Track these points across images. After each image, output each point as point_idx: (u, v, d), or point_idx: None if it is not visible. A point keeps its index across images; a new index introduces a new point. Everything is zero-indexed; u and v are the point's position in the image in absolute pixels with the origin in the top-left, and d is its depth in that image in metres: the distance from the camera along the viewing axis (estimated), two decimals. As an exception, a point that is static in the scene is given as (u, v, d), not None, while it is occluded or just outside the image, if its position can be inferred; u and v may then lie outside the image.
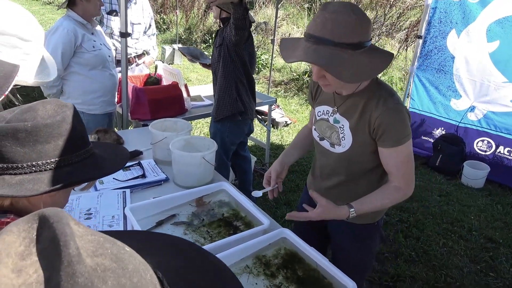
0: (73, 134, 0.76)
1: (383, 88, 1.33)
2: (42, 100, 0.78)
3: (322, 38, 1.14)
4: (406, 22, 7.43)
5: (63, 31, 2.34)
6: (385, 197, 1.35)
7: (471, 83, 4.04)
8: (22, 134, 0.69)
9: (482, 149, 4.12)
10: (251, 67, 2.69)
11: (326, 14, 1.15)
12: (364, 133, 1.33)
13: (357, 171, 1.44)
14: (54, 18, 10.75)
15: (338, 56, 1.14)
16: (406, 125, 1.29)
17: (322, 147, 1.49)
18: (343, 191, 1.50)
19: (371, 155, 1.37)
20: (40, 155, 0.71)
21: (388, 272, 2.60)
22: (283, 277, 1.33)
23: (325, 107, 1.45)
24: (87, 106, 2.55)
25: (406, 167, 1.34)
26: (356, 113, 1.33)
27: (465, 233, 3.12)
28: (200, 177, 1.85)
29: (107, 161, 0.83)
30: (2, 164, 0.70)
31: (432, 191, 3.74)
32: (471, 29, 3.89)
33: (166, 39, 9.04)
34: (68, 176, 0.74)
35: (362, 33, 1.18)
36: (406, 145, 1.30)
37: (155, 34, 3.75)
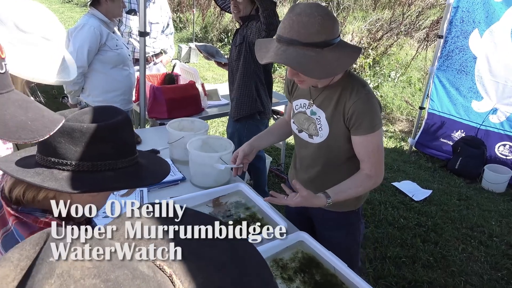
0: (122, 141, 0.80)
1: (356, 80, 1.41)
2: (101, 105, 0.83)
3: (291, 39, 1.22)
4: (426, 21, 7.28)
5: (90, 28, 2.38)
6: (358, 184, 1.42)
7: (494, 85, 3.92)
8: (77, 134, 0.74)
9: (504, 154, 4.01)
10: (271, 69, 2.69)
11: (293, 16, 1.22)
12: (339, 123, 1.41)
13: (335, 161, 1.50)
14: (72, 17, 10.94)
15: (306, 55, 1.22)
16: (377, 113, 1.37)
17: (301, 139, 1.56)
18: (324, 181, 1.53)
19: (347, 144, 1.44)
20: (89, 156, 0.75)
21: (406, 277, 2.55)
22: (301, 281, 1.31)
23: (302, 101, 1.52)
24: (107, 103, 2.58)
25: (377, 155, 1.41)
26: (331, 104, 1.41)
27: (485, 239, 3.04)
28: (217, 177, 1.84)
29: (149, 173, 0.86)
30: (54, 158, 0.74)
31: (451, 195, 3.66)
32: (494, 29, 3.78)
33: (182, 37, 9.09)
34: (110, 180, 0.77)
35: (327, 32, 1.24)
36: (377, 133, 1.37)
37: (173, 33, 3.77)
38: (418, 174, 4.07)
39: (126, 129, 0.81)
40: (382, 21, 7.30)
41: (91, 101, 2.58)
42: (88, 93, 2.56)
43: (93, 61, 2.47)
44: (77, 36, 2.37)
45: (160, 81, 3.18)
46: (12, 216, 0.76)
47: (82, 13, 11.82)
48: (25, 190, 0.77)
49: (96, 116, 0.78)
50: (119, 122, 0.79)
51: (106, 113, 0.80)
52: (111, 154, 0.77)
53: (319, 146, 1.49)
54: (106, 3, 2.44)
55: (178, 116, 2.49)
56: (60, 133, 0.73)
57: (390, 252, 2.75)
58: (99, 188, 0.78)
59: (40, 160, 0.76)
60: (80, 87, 2.53)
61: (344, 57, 1.27)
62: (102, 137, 0.76)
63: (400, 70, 6.41)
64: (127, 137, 0.81)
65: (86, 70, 2.47)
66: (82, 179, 0.75)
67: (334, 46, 1.25)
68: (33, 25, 1.10)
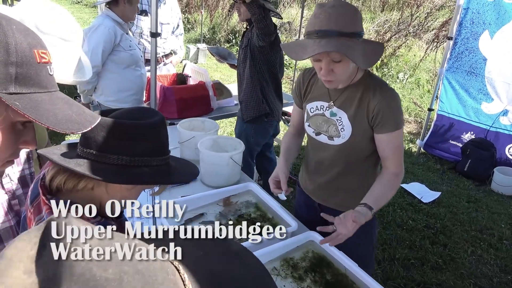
0: (158, 140, 0.85)
1: (376, 79, 1.44)
2: (141, 106, 0.88)
3: (329, 31, 1.22)
4: (434, 22, 7.24)
5: (104, 29, 2.42)
6: (392, 187, 1.41)
7: (504, 86, 3.90)
8: (119, 130, 0.79)
9: (515, 156, 3.98)
10: (280, 69, 2.69)
11: (328, 9, 1.24)
12: (362, 122, 1.40)
13: (356, 160, 1.50)
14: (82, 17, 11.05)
15: (348, 44, 1.22)
16: (401, 110, 1.41)
17: (318, 141, 1.53)
18: (342, 182, 1.54)
19: (369, 143, 1.44)
20: (128, 151, 0.80)
21: (414, 278, 2.54)
22: (311, 281, 1.32)
23: (319, 103, 1.50)
24: (120, 103, 2.61)
25: (400, 151, 1.43)
26: (353, 104, 1.41)
27: (495, 241, 3.01)
28: (228, 177, 1.86)
29: (180, 172, 0.91)
30: (95, 151, 0.79)
31: (460, 197, 3.64)
32: (506, 30, 3.76)
33: (190, 38, 9.14)
34: (146, 176, 0.82)
35: (360, 24, 1.28)
36: (401, 130, 1.40)
37: (182, 34, 3.80)
38: (426, 176, 4.05)
39: (162, 129, 0.86)
40: (390, 22, 7.28)
41: (103, 101, 2.61)
42: (100, 92, 2.59)
43: (106, 61, 2.50)
44: (92, 36, 2.41)
45: (170, 81, 3.20)
46: (46, 205, 0.80)
47: (91, 14, 11.94)
48: (67, 179, 0.81)
49: (136, 115, 0.84)
50: (157, 122, 0.84)
51: (145, 113, 0.85)
52: (148, 151, 0.82)
53: (341, 147, 1.47)
54: (124, 5, 2.49)
55: (188, 116, 2.51)
56: (102, 128, 0.78)
57: (399, 254, 2.74)
58: (136, 181, 0.83)
59: (81, 152, 0.81)
60: (93, 87, 2.56)
61: (375, 49, 1.31)
62: (141, 134, 0.81)
63: (409, 72, 6.38)
64: (163, 137, 0.86)
65: (100, 69, 2.50)
66: (120, 172, 0.79)
67: (363, 39, 1.29)
68: (52, 27, 1.12)
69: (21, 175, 1.07)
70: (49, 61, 0.64)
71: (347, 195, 1.56)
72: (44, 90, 0.62)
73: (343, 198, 1.56)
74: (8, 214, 1.01)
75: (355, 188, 1.53)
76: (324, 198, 1.61)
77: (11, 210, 1.02)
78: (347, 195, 1.55)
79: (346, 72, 1.32)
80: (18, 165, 1.06)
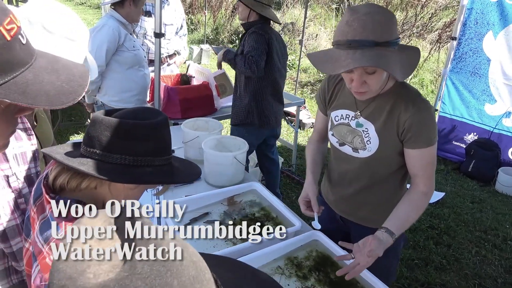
0: (162, 140, 0.85)
1: (409, 89, 1.32)
2: (144, 106, 0.89)
3: (365, 41, 1.11)
4: (438, 22, 7.22)
5: (109, 29, 2.44)
6: (419, 208, 1.31)
7: (507, 88, 3.88)
8: (122, 129, 0.80)
9: (517, 158, 3.97)
10: (279, 73, 2.67)
11: (362, 16, 1.12)
12: (391, 135, 1.31)
13: (382, 174, 1.40)
14: (86, 18, 11.10)
15: (384, 55, 1.12)
16: (435, 125, 1.30)
17: (342, 152, 1.44)
18: (367, 196, 1.46)
19: (397, 157, 1.35)
20: (131, 151, 0.80)
21: (418, 279, 2.54)
22: (315, 280, 1.32)
23: (344, 111, 1.40)
24: (123, 104, 2.63)
25: (432, 168, 1.33)
26: (382, 115, 1.31)
27: (499, 242, 3.00)
28: (232, 176, 1.87)
29: (182, 172, 0.92)
30: (99, 150, 0.80)
31: (464, 197, 3.63)
32: (508, 31, 3.74)
33: (194, 39, 9.16)
34: (149, 175, 0.82)
35: (396, 30, 1.18)
36: (435, 146, 1.29)
37: (186, 34, 3.81)
38: (430, 177, 4.04)
39: (165, 129, 0.86)
40: (394, 22, 7.26)
41: (107, 101, 2.62)
42: (104, 92, 2.61)
43: (110, 61, 2.52)
44: (97, 36, 2.43)
45: (174, 81, 3.22)
46: (49, 204, 0.81)
47: (95, 15, 11.98)
48: (70, 178, 0.82)
49: (139, 115, 0.84)
50: (160, 122, 0.84)
51: (149, 113, 0.86)
52: (150, 151, 0.82)
53: (366, 161, 1.38)
54: (129, 6, 2.52)
55: (191, 116, 2.52)
56: (106, 127, 0.79)
57: (403, 254, 2.74)
58: (139, 181, 0.83)
59: (84, 152, 0.81)
60: (97, 87, 2.58)
61: (411, 57, 1.21)
62: (144, 134, 0.81)
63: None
64: (166, 137, 0.87)
65: (104, 69, 2.52)
66: (123, 171, 0.80)
67: (399, 46, 1.19)
68: (58, 26, 1.13)
69: (27, 174, 1.08)
70: (18, 27, 0.59)
71: (371, 210, 1.47)
72: (25, 67, 0.59)
73: (367, 213, 1.48)
74: (14, 212, 1.02)
75: (379, 204, 1.45)
76: (347, 211, 1.54)
77: (17, 208, 1.03)
78: (371, 210, 1.47)
79: (379, 82, 1.23)
80: (24, 164, 1.07)
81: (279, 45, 2.66)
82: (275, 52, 2.59)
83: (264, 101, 2.64)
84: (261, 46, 2.43)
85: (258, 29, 2.51)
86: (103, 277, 0.38)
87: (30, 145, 1.11)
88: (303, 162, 4.04)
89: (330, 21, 8.54)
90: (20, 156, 1.06)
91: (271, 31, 2.59)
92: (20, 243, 1.03)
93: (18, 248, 1.03)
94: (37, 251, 0.78)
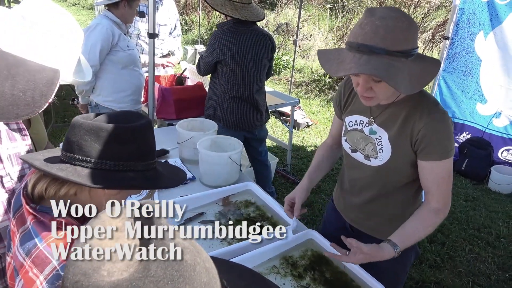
0: (144, 145, 0.83)
1: (427, 97, 1.24)
2: (125, 110, 0.87)
3: (374, 47, 1.06)
4: (432, 22, 7.28)
5: (102, 28, 2.44)
6: (427, 224, 1.24)
7: (497, 88, 3.92)
8: (103, 133, 0.76)
9: (508, 159, 4.01)
10: (253, 78, 2.57)
11: (376, 21, 1.06)
12: (404, 145, 1.25)
13: (393, 185, 1.35)
14: (80, 19, 11.03)
15: (393, 65, 1.06)
16: (451, 137, 1.21)
17: (354, 159, 1.40)
18: (377, 207, 1.41)
19: (410, 169, 1.29)
20: (112, 155, 0.78)
21: (413, 277, 2.56)
22: (311, 279, 1.33)
23: (358, 117, 1.36)
24: (117, 103, 2.62)
25: (447, 184, 1.24)
26: (396, 123, 1.25)
27: (492, 239, 3.03)
28: (227, 176, 1.87)
29: (166, 177, 0.89)
30: (78, 155, 0.77)
31: (457, 195, 3.66)
32: (498, 31, 3.78)
33: (188, 39, 9.14)
34: (131, 180, 0.80)
35: (413, 40, 1.11)
36: (450, 160, 1.21)
37: (180, 35, 3.81)
38: (424, 175, 4.06)
39: (148, 133, 0.84)
40: (387, 22, 7.31)
41: (101, 101, 2.61)
42: (98, 92, 2.60)
43: (104, 61, 2.51)
44: (90, 35, 2.43)
45: (168, 82, 3.21)
46: (30, 215, 0.78)
47: (88, 15, 11.92)
48: (48, 185, 0.79)
49: (121, 118, 0.82)
50: (143, 125, 0.82)
51: (131, 117, 0.83)
52: (133, 155, 0.80)
53: (378, 170, 1.32)
54: (124, 8, 2.52)
55: (186, 117, 2.51)
56: (86, 131, 0.76)
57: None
58: (120, 186, 0.80)
59: (64, 157, 0.78)
60: (91, 87, 2.57)
61: (427, 69, 1.14)
62: (126, 138, 0.79)
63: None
64: (149, 141, 0.85)
65: (98, 69, 2.51)
66: (104, 176, 0.77)
67: (416, 57, 1.12)
68: (53, 26, 1.13)
69: (21, 174, 1.07)
70: None
71: (380, 221, 1.43)
72: None
73: (376, 224, 1.44)
74: (7, 212, 1.01)
75: (390, 216, 1.40)
76: (356, 221, 1.50)
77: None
78: (381, 221, 1.43)
79: (387, 92, 1.17)
80: (18, 165, 1.07)
81: (257, 47, 2.51)
82: (244, 53, 2.46)
83: (226, 104, 2.55)
84: (210, 46, 2.46)
85: (219, 27, 2.51)
86: (117, 275, 0.38)
87: (24, 145, 1.10)
88: (298, 161, 4.05)
89: (324, 21, 8.57)
90: (14, 157, 1.05)
91: (245, 30, 2.46)
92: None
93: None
94: (18, 265, 0.75)
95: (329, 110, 5.70)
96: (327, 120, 5.31)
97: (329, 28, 8.29)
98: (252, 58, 2.51)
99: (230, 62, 2.45)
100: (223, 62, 2.45)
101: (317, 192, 3.48)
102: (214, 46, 2.43)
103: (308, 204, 3.29)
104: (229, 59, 2.43)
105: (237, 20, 2.44)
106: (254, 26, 2.55)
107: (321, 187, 3.58)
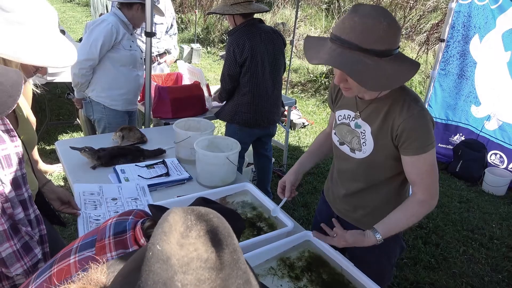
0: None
1: (408, 94, 1.28)
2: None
3: (349, 42, 1.11)
4: (427, 24, 7.32)
5: (107, 25, 2.44)
6: (411, 214, 1.30)
7: (490, 92, 3.96)
8: None
9: (495, 163, 4.05)
10: (269, 75, 2.65)
11: (356, 17, 1.11)
12: (385, 139, 1.30)
13: (377, 178, 1.40)
14: (75, 16, 10.95)
15: (363, 62, 1.11)
16: (430, 132, 1.25)
17: (341, 152, 1.46)
18: (362, 198, 1.46)
19: (392, 162, 1.33)
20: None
21: (407, 278, 2.57)
22: (308, 280, 1.33)
23: (346, 111, 1.42)
24: (109, 100, 2.62)
25: (431, 176, 1.29)
26: (378, 118, 1.30)
27: (486, 241, 3.06)
28: (224, 177, 1.86)
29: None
30: None
31: (452, 197, 3.68)
32: (491, 35, 3.81)
33: (184, 38, 9.11)
34: None
35: (391, 41, 1.14)
36: (430, 153, 1.26)
37: (176, 33, 3.79)
38: (419, 177, 4.09)
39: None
40: (383, 24, 7.34)
41: (95, 96, 2.61)
42: (92, 87, 2.59)
43: (103, 57, 2.51)
44: (94, 29, 2.44)
45: (164, 80, 3.19)
46: (135, 245, 0.75)
47: (83, 12, 11.82)
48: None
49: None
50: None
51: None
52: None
53: (361, 162, 1.38)
54: (137, 11, 2.53)
55: (182, 116, 2.51)
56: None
57: (392, 254, 2.77)
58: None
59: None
60: (87, 81, 2.56)
61: (402, 71, 1.16)
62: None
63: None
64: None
65: (97, 63, 2.50)
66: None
67: (393, 57, 1.15)
68: (17, 4, 1.05)
69: (12, 178, 1.03)
70: None
71: (365, 213, 1.48)
72: None
73: (362, 216, 1.49)
74: (1, 217, 0.98)
75: (374, 208, 1.45)
76: (343, 212, 1.56)
77: (4, 213, 0.99)
78: (366, 213, 1.48)
79: (360, 85, 1.20)
80: (9, 167, 1.02)
81: (271, 44, 2.60)
82: (259, 54, 2.53)
83: (246, 104, 2.62)
84: (229, 55, 2.51)
85: (231, 34, 2.57)
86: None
87: (14, 147, 1.05)
88: (294, 162, 4.05)
89: (321, 22, 8.58)
90: (4, 159, 1.00)
91: (256, 31, 2.54)
92: (8, 249, 1.00)
93: (7, 254, 1.00)
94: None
95: (325, 110, 5.71)
96: (323, 120, 5.32)
97: (325, 29, 8.30)
98: (268, 55, 2.60)
99: (251, 62, 2.52)
100: (245, 64, 2.51)
101: (313, 193, 3.49)
102: (234, 50, 2.47)
103: (305, 205, 3.29)
104: (249, 59, 2.51)
105: (246, 23, 2.52)
106: (263, 24, 2.64)
107: (316, 187, 3.59)
